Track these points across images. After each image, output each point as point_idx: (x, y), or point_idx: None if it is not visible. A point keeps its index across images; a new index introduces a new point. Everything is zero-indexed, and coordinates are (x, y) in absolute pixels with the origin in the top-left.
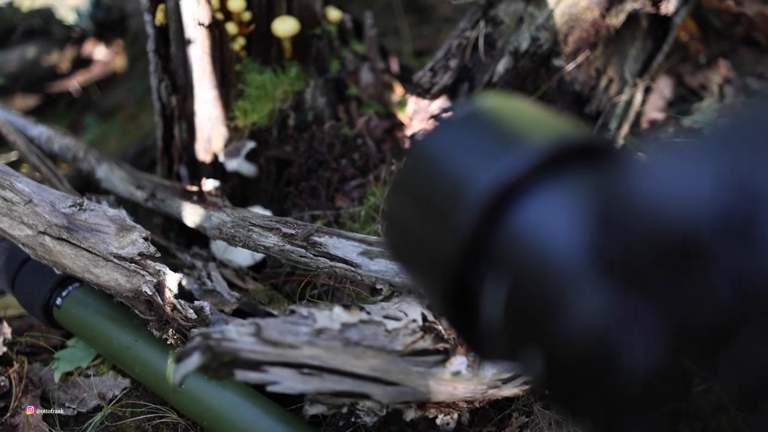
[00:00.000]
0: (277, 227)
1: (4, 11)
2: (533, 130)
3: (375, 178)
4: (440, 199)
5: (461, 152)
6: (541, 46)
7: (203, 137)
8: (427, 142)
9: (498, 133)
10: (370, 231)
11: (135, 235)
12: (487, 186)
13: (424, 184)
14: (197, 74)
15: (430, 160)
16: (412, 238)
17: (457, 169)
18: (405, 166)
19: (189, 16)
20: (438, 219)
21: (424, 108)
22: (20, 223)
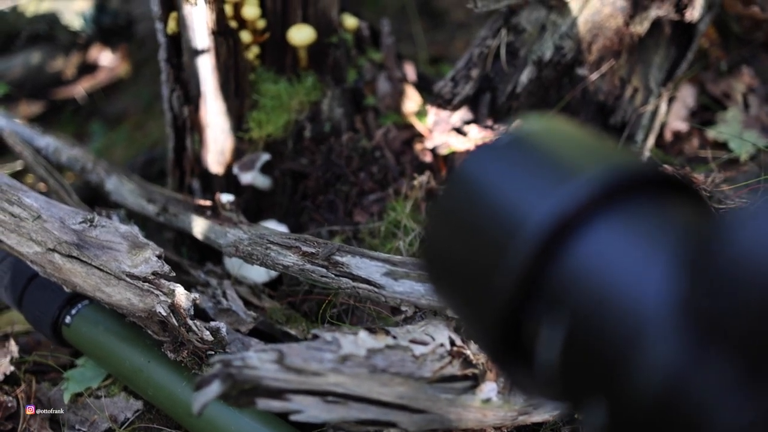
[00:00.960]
0: (296, 245)
1: (7, 16)
2: (591, 158)
3: (395, 191)
4: (490, 230)
5: (512, 180)
6: (565, 55)
7: (216, 149)
8: (472, 167)
9: (552, 160)
10: (391, 248)
11: (148, 252)
12: (545, 218)
13: (470, 212)
14: (210, 84)
15: (477, 187)
16: (456, 271)
17: (508, 198)
18: (448, 192)
19: (202, 24)
20: (488, 252)
21: (444, 119)
22: (29, 239)
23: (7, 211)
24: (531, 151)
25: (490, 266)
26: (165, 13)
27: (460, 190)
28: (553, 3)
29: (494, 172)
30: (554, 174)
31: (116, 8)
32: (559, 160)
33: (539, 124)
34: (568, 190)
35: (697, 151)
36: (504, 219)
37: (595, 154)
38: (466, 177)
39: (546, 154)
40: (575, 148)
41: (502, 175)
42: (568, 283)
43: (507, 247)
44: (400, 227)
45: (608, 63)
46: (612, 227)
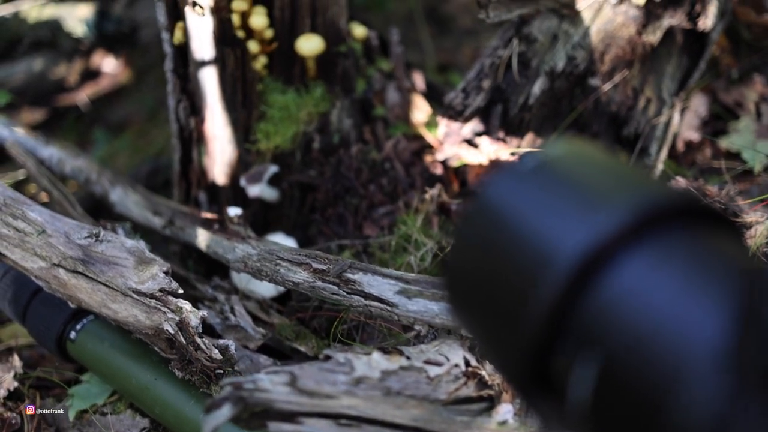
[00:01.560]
0: (306, 262)
1: (9, 22)
2: (624, 186)
3: (405, 204)
4: (517, 261)
5: (540, 208)
6: (578, 66)
7: (223, 161)
8: (496, 193)
9: (583, 188)
10: (402, 263)
11: (155, 268)
12: (578, 249)
13: (496, 240)
14: (217, 95)
15: (502, 214)
16: (480, 301)
17: (536, 227)
18: (471, 217)
19: (208, 34)
20: (516, 284)
21: (455, 131)
22: (33, 254)
23: (11, 225)
24: (558, 177)
25: (518, 299)
26: (171, 23)
27: (484, 216)
28: (565, 12)
29: (520, 199)
30: (586, 202)
31: (120, 14)
32: (590, 187)
33: (564, 148)
34: (602, 219)
35: (709, 161)
36: (532, 249)
37: (628, 182)
38: (490, 203)
39: (575, 181)
40: (606, 175)
41: (529, 202)
42: (601, 319)
43: (536, 279)
44: (411, 242)
45: (621, 73)
46: (648, 260)
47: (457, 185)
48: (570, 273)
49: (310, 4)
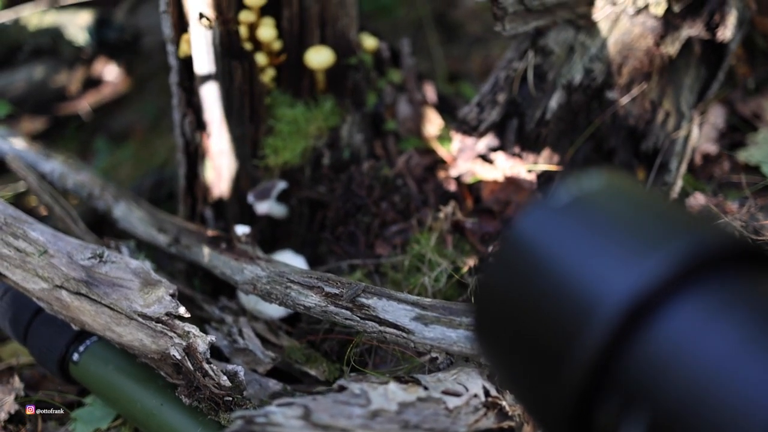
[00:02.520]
0: (318, 285)
1: (9, 29)
2: (672, 227)
3: (418, 222)
4: (556, 307)
5: (578, 249)
6: (595, 79)
7: (230, 176)
8: (530, 231)
9: (625, 228)
10: (416, 283)
11: (161, 291)
12: (624, 297)
13: (530, 283)
14: (224, 109)
15: (536, 254)
16: (515, 348)
17: (575, 270)
18: (501, 257)
19: (215, 46)
20: (555, 333)
21: (470, 146)
22: (35, 275)
23: (11, 245)
24: (597, 213)
25: (558, 346)
26: (177, 35)
27: (517, 254)
28: (582, 23)
29: (556, 238)
30: (631, 244)
31: (122, 22)
32: (634, 227)
33: (601, 181)
34: (651, 264)
35: (728, 175)
36: (573, 293)
37: (676, 222)
38: (523, 241)
39: (616, 219)
40: (650, 213)
41: (566, 240)
42: (651, 372)
43: (579, 327)
44: (424, 261)
45: (639, 86)
46: (701, 308)
47: (472, 202)
48: (616, 321)
49: (320, 15)
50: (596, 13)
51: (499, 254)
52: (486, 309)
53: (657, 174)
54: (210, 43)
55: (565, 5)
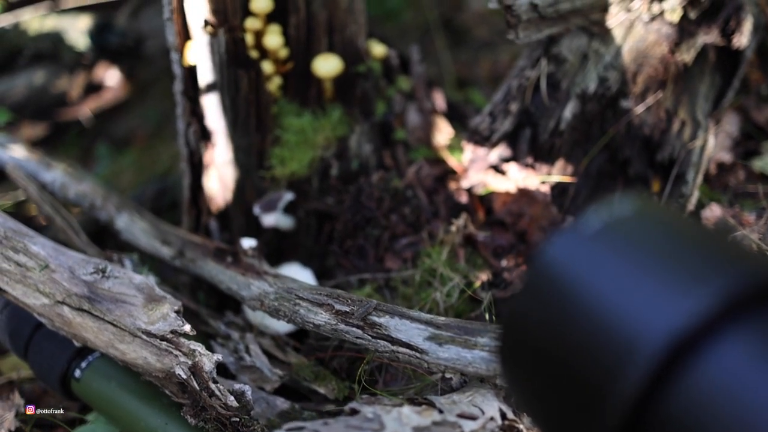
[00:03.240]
0: (328, 303)
1: (9, 34)
2: (715, 259)
3: (428, 235)
4: (589, 342)
5: (612, 280)
6: (610, 88)
7: (235, 187)
8: (558, 259)
9: (663, 258)
10: (427, 297)
11: (165, 308)
12: (666, 335)
13: (560, 316)
14: (230, 119)
15: (566, 285)
16: (546, 385)
17: (610, 304)
18: (531, 286)
19: (220, 55)
20: (589, 370)
21: (482, 157)
22: (35, 290)
23: (12, 260)
24: (631, 242)
25: (596, 386)
26: (181, 42)
27: (546, 284)
28: (595, 30)
29: (588, 267)
30: (670, 278)
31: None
32: (672, 258)
33: (633, 207)
34: (695, 301)
35: (743, 185)
36: (610, 329)
37: (717, 254)
38: (553, 269)
39: (652, 249)
40: (688, 243)
41: (600, 271)
42: (692, 411)
43: (619, 366)
44: (436, 276)
45: (654, 94)
46: (744, 346)
47: (483, 214)
48: (660, 359)
49: (327, 22)
50: (610, 19)
51: (527, 282)
52: (514, 339)
53: (673, 185)
54: (215, 51)
55: (579, 12)
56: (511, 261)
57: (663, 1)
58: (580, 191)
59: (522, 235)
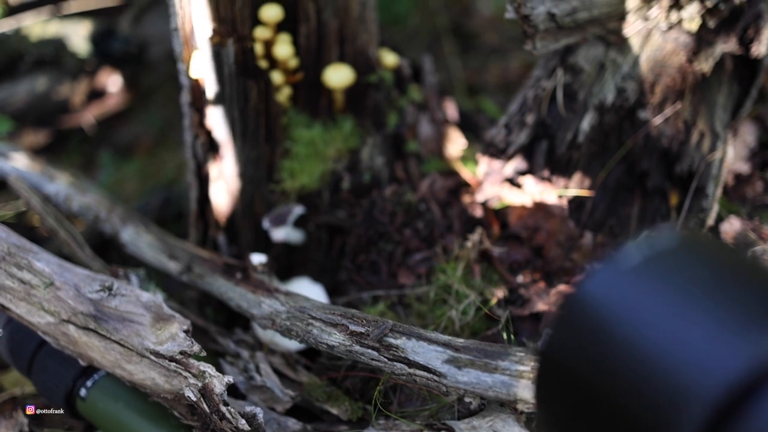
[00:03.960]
0: (342, 323)
1: (10, 39)
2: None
3: (443, 249)
4: (639, 383)
5: (661, 318)
6: (628, 99)
7: (244, 201)
8: (599, 294)
9: (715, 297)
10: (442, 315)
11: (174, 327)
12: (729, 380)
13: (604, 354)
14: (239, 130)
15: (607, 322)
16: (591, 429)
17: (661, 343)
18: (568, 323)
19: (229, 65)
20: (637, 416)
21: (497, 170)
22: (40, 309)
23: (15, 277)
24: (676, 278)
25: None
26: (189, 53)
27: (585, 320)
28: (612, 39)
29: (631, 303)
30: (723, 317)
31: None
32: (723, 296)
33: (674, 239)
34: (755, 345)
35: (761, 196)
36: (661, 371)
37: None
38: (592, 305)
39: (699, 284)
40: (737, 278)
41: (644, 308)
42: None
43: (674, 413)
44: (451, 293)
45: (672, 105)
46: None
47: (498, 228)
48: (716, 412)
49: (338, 31)
50: (627, 28)
51: (564, 318)
52: (551, 379)
53: (692, 198)
54: (224, 61)
55: (597, 21)
56: (528, 277)
57: (681, 10)
58: (597, 205)
59: (538, 249)
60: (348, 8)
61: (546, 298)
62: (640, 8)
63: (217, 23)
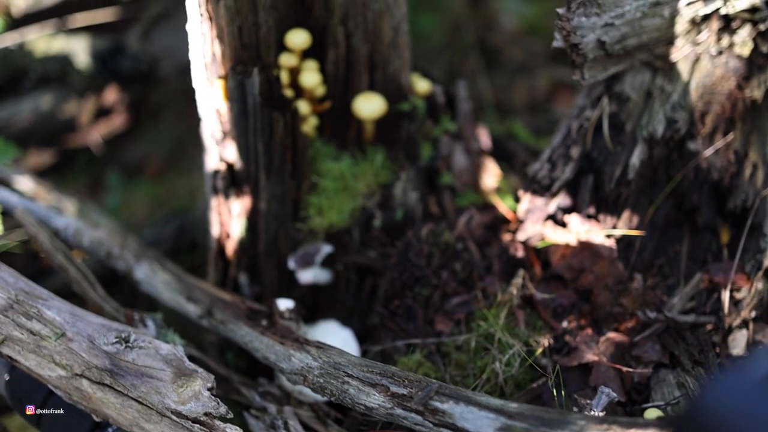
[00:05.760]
0: (382, 383)
1: (14, 54)
2: None
3: (482, 292)
4: None
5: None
6: (679, 130)
7: (268, 238)
8: (725, 406)
9: None
10: (483, 366)
11: (197, 384)
12: None
13: None
14: (263, 165)
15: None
16: None
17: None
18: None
19: (253, 96)
20: None
21: (540, 207)
22: (51, 361)
23: (24, 327)
24: None
25: None
26: (210, 82)
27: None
28: (659, 65)
29: (763, 418)
30: None
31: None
32: None
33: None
34: None
35: None
36: None
37: None
38: (718, 417)
39: None
40: None
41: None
42: None
43: None
44: (493, 342)
45: (724, 139)
46: None
47: (539, 268)
48: None
49: (369, 57)
50: (675, 53)
51: (687, 428)
52: None
53: (747, 237)
54: (248, 92)
55: (645, 46)
56: (573, 322)
57: (734, 34)
58: (646, 244)
59: (584, 293)
60: (379, 33)
61: (594, 347)
62: (689, 32)
63: (240, 51)
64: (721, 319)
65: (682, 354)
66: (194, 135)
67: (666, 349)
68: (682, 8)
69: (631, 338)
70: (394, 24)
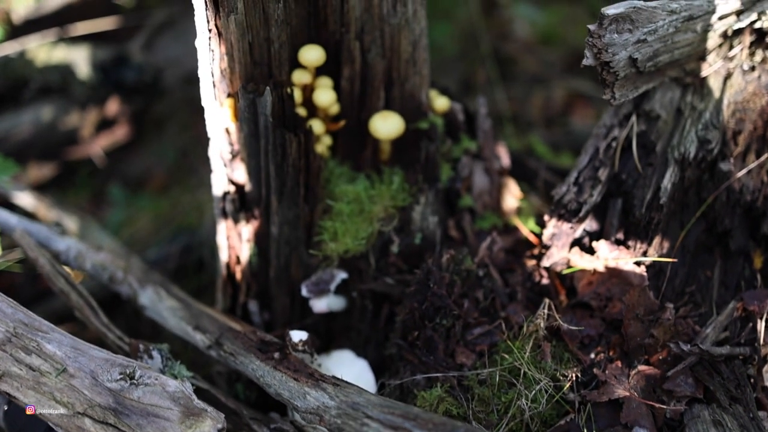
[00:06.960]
0: (404, 426)
1: (14, 63)
2: None
3: (505, 322)
4: None
5: None
6: (712, 150)
7: (280, 264)
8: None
9: None
10: (507, 401)
11: (207, 425)
12: None
13: None
14: (275, 188)
15: None
16: None
17: None
18: None
19: (265, 116)
20: None
21: (566, 232)
22: (51, 399)
23: (23, 362)
24: None
25: None
26: (220, 102)
27: None
28: (689, 81)
29: None
30: None
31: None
32: None
33: None
34: None
35: None
36: None
37: None
38: None
39: None
40: None
41: None
42: None
43: None
44: (518, 375)
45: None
46: None
47: (564, 295)
48: None
49: (385, 74)
50: (705, 69)
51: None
52: None
53: None
54: (260, 111)
55: (677, 63)
56: (601, 354)
57: (767, 49)
58: (677, 271)
59: (612, 322)
60: (397, 48)
61: (625, 381)
62: (721, 46)
63: (251, 68)
64: (756, 350)
65: (717, 389)
66: (199, 147)
67: (700, 383)
68: (714, 22)
69: (663, 371)
70: (413, 39)
